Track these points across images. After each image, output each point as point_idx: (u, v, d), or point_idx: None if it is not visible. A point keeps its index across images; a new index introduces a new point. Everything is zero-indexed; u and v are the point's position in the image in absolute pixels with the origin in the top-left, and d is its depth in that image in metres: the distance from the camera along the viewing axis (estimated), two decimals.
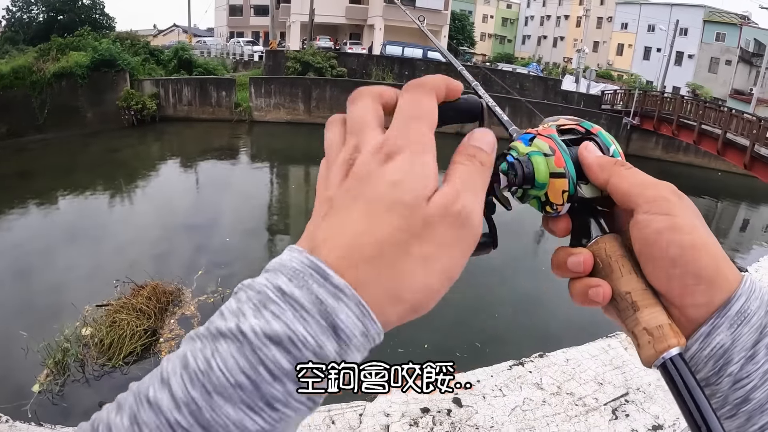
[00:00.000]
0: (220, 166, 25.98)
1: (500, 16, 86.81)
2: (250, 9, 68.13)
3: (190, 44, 44.00)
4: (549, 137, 0.66)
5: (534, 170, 0.63)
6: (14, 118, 27.49)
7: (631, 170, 0.62)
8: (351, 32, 55.42)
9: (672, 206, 0.58)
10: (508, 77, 39.98)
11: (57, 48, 31.18)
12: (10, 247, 15.59)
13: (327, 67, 35.32)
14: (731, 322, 0.54)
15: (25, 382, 8.93)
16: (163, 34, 68.83)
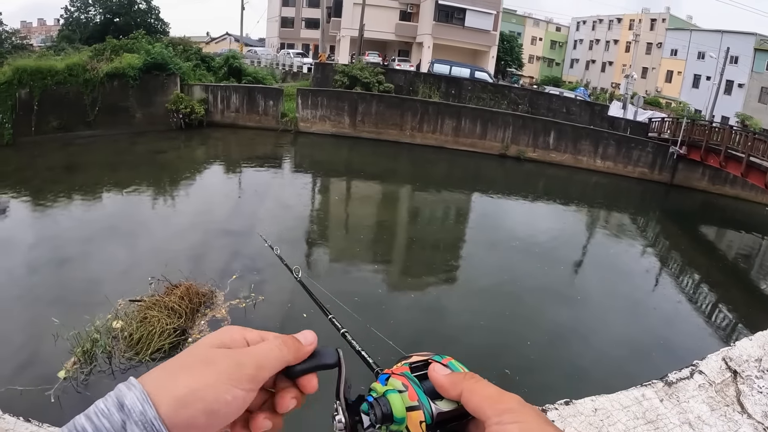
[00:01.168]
0: (263, 173, 26.15)
1: (549, 38, 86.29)
2: (302, 21, 68.95)
3: (241, 53, 44.66)
4: (402, 375, 0.75)
5: (391, 407, 0.71)
6: (66, 113, 28.40)
7: (480, 383, 0.70)
8: (400, 49, 55.62)
9: (519, 415, 0.65)
10: (554, 101, 39.61)
11: (111, 49, 32.00)
12: (51, 237, 15.96)
13: (374, 83, 35.39)
14: None
15: (51, 367, 9.02)
16: (216, 42, 69.82)
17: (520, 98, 38.73)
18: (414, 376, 0.75)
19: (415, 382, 0.74)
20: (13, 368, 9.15)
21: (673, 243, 23.29)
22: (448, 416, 0.72)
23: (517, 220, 22.80)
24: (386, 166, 29.42)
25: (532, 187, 29.45)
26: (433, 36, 49.48)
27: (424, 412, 0.70)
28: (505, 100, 38.04)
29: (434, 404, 0.72)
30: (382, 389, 0.74)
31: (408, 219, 21.94)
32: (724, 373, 2.19)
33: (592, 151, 32.55)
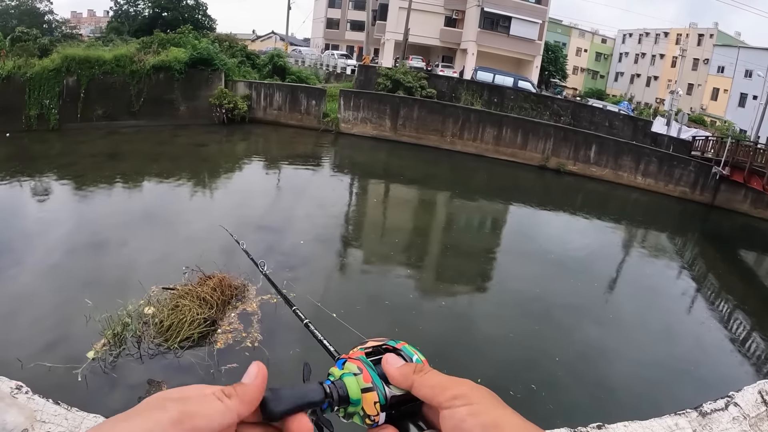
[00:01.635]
0: (301, 172, 26.25)
1: (594, 50, 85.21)
2: (347, 23, 69.27)
3: (286, 52, 44.91)
4: (357, 359, 0.80)
5: (347, 389, 0.75)
6: (111, 102, 29.08)
7: (429, 374, 0.75)
8: (443, 54, 55.40)
9: (470, 398, 0.69)
10: (597, 114, 39.11)
11: (158, 42, 32.62)
12: (90, 221, 16.29)
13: (417, 87, 35.35)
14: None
15: (81, 347, 9.17)
16: (261, 40, 70.47)
17: (562, 110, 38.36)
18: (369, 361, 0.79)
19: (370, 366, 0.78)
20: (44, 345, 9.32)
21: (710, 266, 22.78)
22: (402, 399, 0.76)
23: (552, 233, 22.53)
24: (425, 172, 29.31)
25: (570, 200, 29.10)
26: (477, 43, 49.30)
27: (378, 393, 0.75)
28: (548, 111, 37.71)
29: (388, 388, 0.76)
30: (339, 373, 0.79)
31: (444, 225, 21.82)
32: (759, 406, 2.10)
33: (633, 168, 32.03)
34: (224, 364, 9.12)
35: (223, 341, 9.78)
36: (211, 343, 9.69)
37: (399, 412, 0.78)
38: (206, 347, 9.53)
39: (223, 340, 9.83)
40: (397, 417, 0.77)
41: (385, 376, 0.77)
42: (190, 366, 8.98)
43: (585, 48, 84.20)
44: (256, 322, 10.55)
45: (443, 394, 0.70)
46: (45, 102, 28.23)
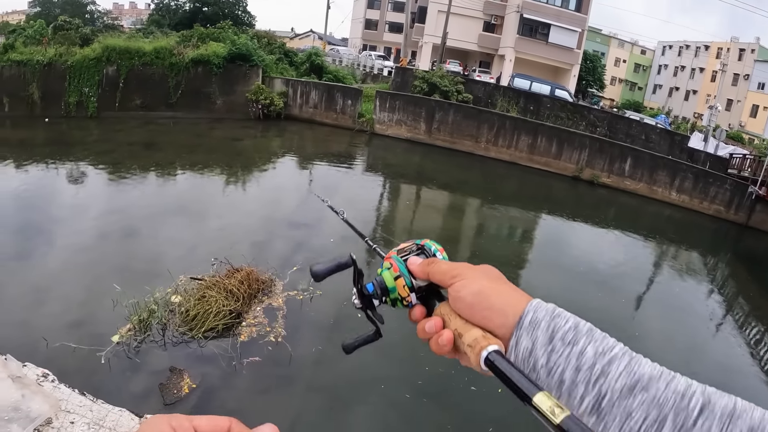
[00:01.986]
0: (334, 170, 26.27)
1: (633, 61, 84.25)
2: (385, 25, 69.39)
3: (324, 51, 45.07)
4: (390, 257, 1.04)
5: (384, 281, 1.01)
6: (149, 93, 29.56)
7: (437, 264, 0.96)
8: (481, 60, 55.30)
9: (464, 274, 0.91)
10: (634, 126, 38.64)
11: (198, 36, 32.99)
12: (124, 208, 16.51)
13: (453, 91, 35.21)
14: (527, 330, 0.81)
15: (107, 330, 9.32)
16: (299, 38, 70.85)
17: (599, 120, 37.98)
18: (399, 258, 1.03)
19: (399, 261, 1.01)
20: (70, 326, 9.49)
21: (741, 288, 22.32)
22: (425, 288, 0.99)
23: (582, 246, 22.28)
24: (457, 177, 29.18)
25: (602, 213, 28.74)
26: (515, 49, 49.13)
27: (404, 279, 0.98)
28: (584, 121, 37.36)
29: (414, 279, 0.98)
30: (380, 271, 1.04)
31: (473, 232, 21.68)
32: None
33: (668, 183, 31.55)
34: (246, 357, 9.15)
35: (247, 334, 9.81)
36: (235, 335, 9.72)
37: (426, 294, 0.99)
38: (230, 339, 9.56)
39: (247, 333, 9.85)
40: (425, 297, 0.99)
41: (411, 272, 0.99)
42: (213, 356, 9.02)
43: (624, 58, 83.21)
44: (281, 317, 10.57)
45: (447, 276, 0.93)
46: (84, 90, 28.80)
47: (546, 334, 0.79)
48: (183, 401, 8.04)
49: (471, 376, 9.83)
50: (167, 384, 8.24)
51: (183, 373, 8.50)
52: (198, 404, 8.04)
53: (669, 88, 79.34)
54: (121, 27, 51.40)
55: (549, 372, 0.78)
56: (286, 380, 9.02)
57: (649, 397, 0.72)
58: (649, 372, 0.75)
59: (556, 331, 0.79)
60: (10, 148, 23.39)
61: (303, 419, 8.34)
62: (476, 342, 0.82)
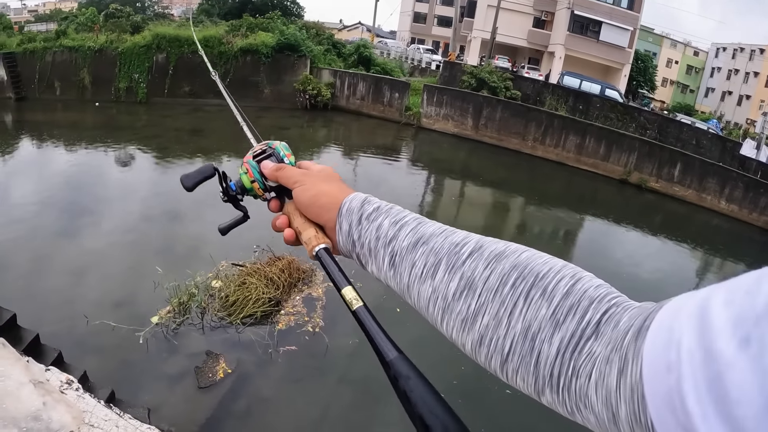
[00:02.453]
0: (379, 163, 26.22)
1: (686, 62, 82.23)
2: (434, 18, 69.13)
3: (372, 43, 45.03)
4: (246, 162, 1.19)
5: (242, 183, 1.19)
6: (197, 81, 29.85)
7: (284, 170, 1.14)
8: (530, 56, 54.62)
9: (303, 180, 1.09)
10: (685, 131, 37.71)
11: (247, 26, 33.39)
12: (169, 192, 16.68)
13: (502, 88, 34.81)
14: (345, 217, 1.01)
15: (146, 311, 9.42)
16: (348, 30, 70.98)
17: (649, 123, 37.14)
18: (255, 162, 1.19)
19: (253, 166, 1.18)
20: (111, 305, 9.63)
21: None
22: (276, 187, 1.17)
23: (626, 251, 21.84)
24: (503, 175, 28.88)
25: (648, 219, 28.15)
26: (565, 47, 48.43)
27: (258, 183, 1.17)
28: (634, 122, 36.59)
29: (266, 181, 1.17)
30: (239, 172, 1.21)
31: (516, 231, 21.42)
32: None
33: (718, 191, 30.68)
34: (283, 345, 9.15)
35: (284, 323, 9.80)
36: (273, 323, 9.73)
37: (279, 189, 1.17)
38: (267, 326, 9.58)
39: (285, 321, 9.85)
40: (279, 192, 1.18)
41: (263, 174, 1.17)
42: (250, 343, 9.04)
43: (676, 59, 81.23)
44: (319, 308, 10.54)
45: (290, 182, 1.11)
46: (134, 76, 29.35)
47: (356, 216, 1.00)
48: (217, 385, 8.06)
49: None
50: (203, 367, 8.28)
51: (219, 357, 8.53)
52: (232, 389, 8.06)
53: (721, 91, 77.23)
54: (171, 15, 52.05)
55: (362, 244, 0.99)
56: (320, 371, 9.01)
57: (427, 249, 0.88)
58: (431, 231, 0.92)
59: (363, 213, 1.00)
60: (61, 131, 23.93)
61: (332, 411, 8.30)
62: (310, 241, 1.04)
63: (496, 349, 0.76)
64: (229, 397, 7.92)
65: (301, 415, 8.06)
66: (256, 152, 1.23)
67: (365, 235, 0.98)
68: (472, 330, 0.79)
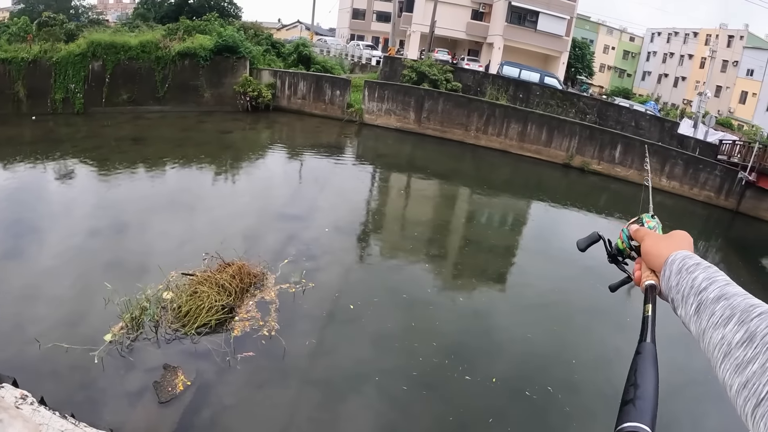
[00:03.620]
0: (324, 162, 26.21)
1: (622, 48, 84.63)
2: (373, 14, 69.23)
3: (311, 41, 44.90)
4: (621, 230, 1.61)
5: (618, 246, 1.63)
6: (136, 87, 29.50)
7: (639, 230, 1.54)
8: (469, 48, 55.26)
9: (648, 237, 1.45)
10: (624, 113, 38.65)
11: (184, 29, 32.97)
12: (113, 204, 16.38)
13: (442, 80, 35.16)
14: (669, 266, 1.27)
15: (99, 329, 9.25)
16: (287, 29, 70.65)
17: (588, 108, 37.97)
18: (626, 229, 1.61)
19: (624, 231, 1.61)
20: (62, 326, 9.44)
21: (733, 274, 21.77)
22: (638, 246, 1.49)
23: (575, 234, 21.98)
24: (448, 166, 29.18)
25: (594, 200, 28.81)
26: (504, 37, 49.03)
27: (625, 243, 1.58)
28: (573, 108, 37.36)
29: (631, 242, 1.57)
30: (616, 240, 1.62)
31: (465, 221, 21.66)
32: None
33: (659, 170, 31.55)
34: (240, 352, 9.15)
35: (240, 329, 9.80)
36: (228, 330, 9.71)
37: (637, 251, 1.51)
38: (223, 334, 9.54)
39: (240, 327, 9.84)
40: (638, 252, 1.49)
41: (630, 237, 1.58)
42: (207, 352, 8.99)
43: (613, 45, 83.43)
44: (273, 311, 10.55)
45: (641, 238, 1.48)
46: (71, 86, 28.60)
47: (677, 266, 1.24)
48: (178, 398, 7.99)
49: (465, 366, 9.85)
50: (162, 382, 8.20)
51: (177, 370, 8.47)
52: (193, 401, 8.01)
53: (658, 74, 79.76)
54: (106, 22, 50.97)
55: (678, 290, 1.21)
56: (282, 374, 9.02)
57: (727, 304, 1.06)
58: (735, 291, 1.10)
59: (684, 265, 1.23)
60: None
61: (300, 413, 8.32)
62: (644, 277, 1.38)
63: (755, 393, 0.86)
64: (191, 409, 7.87)
65: (267, 419, 8.06)
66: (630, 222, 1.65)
67: (682, 283, 1.20)
68: (741, 374, 0.91)
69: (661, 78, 78.73)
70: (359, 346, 10.22)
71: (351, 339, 10.41)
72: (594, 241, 1.77)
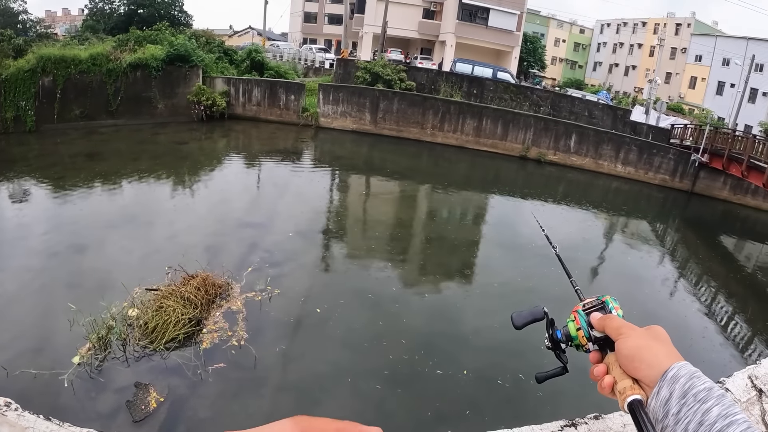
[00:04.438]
0: (282, 167, 26.17)
1: (573, 40, 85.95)
2: (325, 17, 69.11)
3: (264, 47, 44.69)
4: (575, 311, 1.30)
5: (569, 331, 1.29)
6: (88, 102, 28.92)
7: (610, 319, 1.20)
8: (422, 47, 55.48)
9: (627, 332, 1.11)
10: (576, 104, 39.33)
11: (135, 40, 32.41)
12: (70, 223, 16.07)
13: (396, 80, 35.37)
14: (668, 383, 0.97)
15: (66, 352, 9.12)
16: (238, 35, 70.16)
17: (542, 100, 38.55)
18: (584, 312, 1.28)
19: (581, 315, 1.27)
20: (28, 352, 9.25)
21: (692, 252, 23.03)
22: (601, 338, 1.21)
23: (535, 223, 22.51)
24: (406, 165, 29.35)
25: (552, 190, 29.26)
26: (456, 35, 49.33)
27: (584, 331, 1.24)
28: (527, 101, 37.89)
29: (592, 331, 1.23)
30: (567, 321, 1.31)
31: (426, 218, 21.83)
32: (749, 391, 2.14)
33: (614, 156, 32.30)
34: (211, 364, 9.11)
35: (209, 341, 9.76)
36: (197, 343, 9.66)
37: (602, 342, 1.21)
38: (192, 347, 9.50)
39: (209, 339, 9.80)
40: (601, 345, 1.22)
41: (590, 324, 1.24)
42: (177, 367, 8.94)
43: (563, 38, 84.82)
44: (241, 320, 10.55)
45: (616, 331, 1.14)
46: (21, 103, 27.84)
47: (682, 389, 0.94)
48: (152, 416, 7.94)
49: (435, 361, 9.97)
50: (134, 400, 8.14)
51: (149, 387, 8.42)
52: (168, 417, 7.97)
53: (609, 64, 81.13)
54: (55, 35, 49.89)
55: (678, 420, 0.92)
56: (254, 383, 9.01)
57: None
58: None
59: (691, 388, 0.94)
60: None
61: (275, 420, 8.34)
62: (624, 390, 1.04)
63: None
64: (166, 426, 7.82)
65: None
66: (586, 304, 1.30)
67: (687, 413, 0.91)
68: None
69: (612, 68, 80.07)
70: (329, 349, 10.27)
71: (320, 343, 10.44)
72: (536, 320, 1.42)
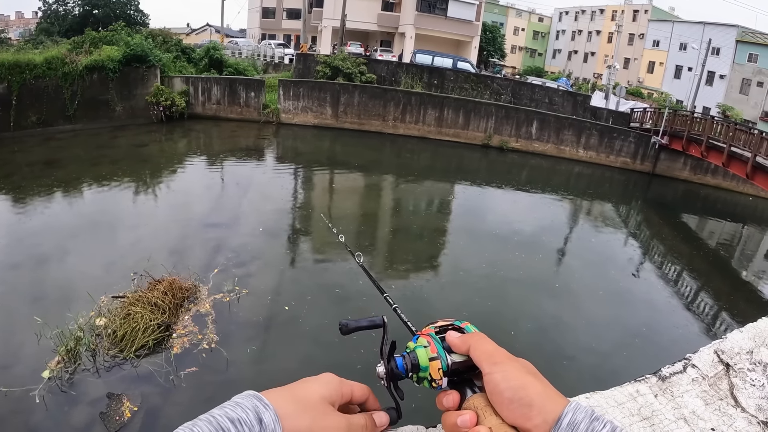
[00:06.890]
0: (245, 166, 26.01)
1: (532, 29, 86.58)
2: (283, 12, 68.51)
3: (222, 44, 44.29)
4: (427, 335, 0.96)
5: (418, 358, 0.91)
6: (45, 107, 28.16)
7: (481, 340, 0.90)
8: (382, 39, 55.49)
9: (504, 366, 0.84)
10: (537, 91, 39.78)
11: (90, 41, 31.70)
12: (30, 234, 15.66)
13: (356, 73, 35.35)
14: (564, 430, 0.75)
15: (35, 367, 8.96)
16: (196, 33, 69.49)
17: (502, 88, 38.86)
18: (437, 336, 0.95)
19: (436, 340, 0.94)
20: None
21: (655, 232, 23.50)
22: (461, 366, 0.91)
23: (500, 210, 22.90)
24: (369, 157, 29.40)
25: (515, 177, 29.57)
26: (415, 26, 49.41)
27: (441, 361, 0.90)
28: (488, 90, 38.17)
29: (450, 357, 0.91)
30: (413, 346, 0.95)
31: (391, 209, 21.92)
32: (716, 366, 2.20)
33: (575, 141, 32.77)
34: (183, 369, 9.07)
35: (179, 346, 9.70)
36: (168, 348, 9.59)
37: (459, 379, 0.91)
38: (163, 353, 9.42)
39: (179, 344, 9.74)
40: (457, 383, 0.91)
41: (449, 350, 0.92)
42: (149, 375, 8.88)
43: (522, 27, 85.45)
44: (210, 322, 10.51)
45: (488, 361, 0.85)
46: None
47: None
48: (127, 426, 7.88)
49: None
50: (108, 412, 8.06)
51: (121, 397, 8.35)
52: (143, 426, 7.92)
53: (568, 52, 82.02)
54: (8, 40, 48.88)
55: None
56: (227, 385, 8.95)
57: None
58: None
59: None
60: None
61: None
62: None
63: None
64: None
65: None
66: (437, 326, 1.00)
67: None
68: None
69: (572, 55, 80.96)
70: (300, 346, 10.28)
71: (291, 340, 10.45)
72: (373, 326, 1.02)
